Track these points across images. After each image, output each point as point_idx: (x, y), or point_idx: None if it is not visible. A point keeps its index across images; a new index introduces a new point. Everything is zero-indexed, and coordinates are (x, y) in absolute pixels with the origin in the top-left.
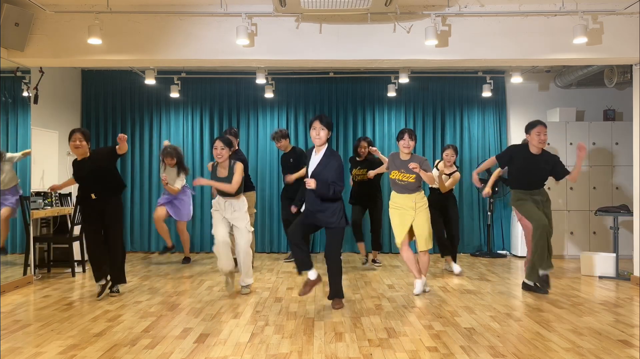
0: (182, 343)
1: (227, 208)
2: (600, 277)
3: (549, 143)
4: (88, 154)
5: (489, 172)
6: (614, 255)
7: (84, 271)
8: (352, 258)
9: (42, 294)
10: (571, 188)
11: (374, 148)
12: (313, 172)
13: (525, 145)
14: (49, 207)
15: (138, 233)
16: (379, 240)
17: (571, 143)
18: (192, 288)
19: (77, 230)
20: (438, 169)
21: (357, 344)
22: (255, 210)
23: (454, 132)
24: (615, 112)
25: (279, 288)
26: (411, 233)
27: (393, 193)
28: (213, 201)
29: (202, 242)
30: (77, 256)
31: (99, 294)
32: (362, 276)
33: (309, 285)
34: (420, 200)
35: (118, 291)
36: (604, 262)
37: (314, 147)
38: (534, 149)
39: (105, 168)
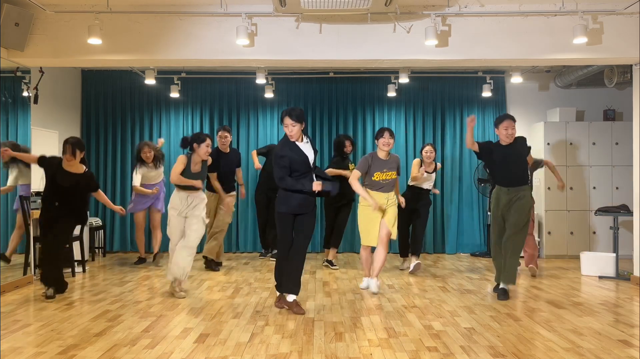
0: (182, 343)
1: (190, 201)
2: (600, 277)
3: (548, 143)
4: (80, 170)
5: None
6: (614, 255)
7: (84, 271)
8: (352, 258)
9: (42, 294)
10: (571, 188)
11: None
12: (313, 161)
13: (498, 141)
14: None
15: None
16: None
17: (571, 143)
18: (192, 288)
19: (77, 230)
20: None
21: (357, 344)
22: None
23: (454, 132)
24: (615, 112)
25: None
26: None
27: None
28: (172, 197)
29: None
30: (77, 256)
31: (51, 297)
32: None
33: (282, 302)
34: (392, 198)
35: (52, 296)
36: (604, 262)
37: (286, 139)
38: (504, 143)
39: (84, 193)
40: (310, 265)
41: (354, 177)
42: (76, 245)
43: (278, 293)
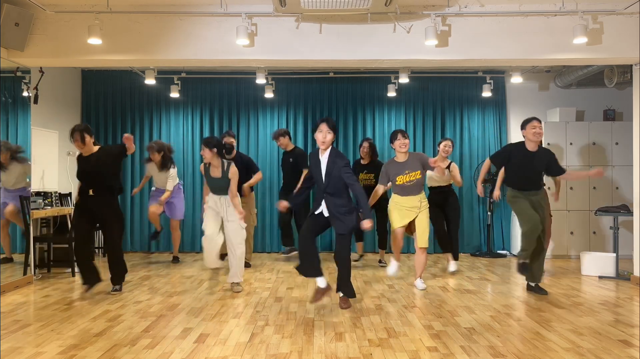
0: (182, 343)
1: (223, 204)
2: (600, 277)
3: (548, 143)
4: (95, 149)
5: (489, 172)
6: (614, 255)
7: None
8: (352, 257)
9: (42, 294)
10: (571, 188)
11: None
12: (326, 173)
13: (522, 142)
14: (49, 207)
15: (138, 233)
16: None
17: (571, 143)
18: (192, 288)
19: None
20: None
21: (357, 344)
22: (256, 210)
23: (454, 132)
24: (615, 112)
25: (279, 288)
26: (409, 229)
27: (396, 196)
28: (207, 197)
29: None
30: None
31: (87, 290)
32: (362, 276)
33: (319, 293)
34: (423, 200)
35: (118, 290)
36: (604, 262)
37: (317, 148)
38: (530, 145)
39: (110, 166)
40: None
41: (375, 194)
42: None
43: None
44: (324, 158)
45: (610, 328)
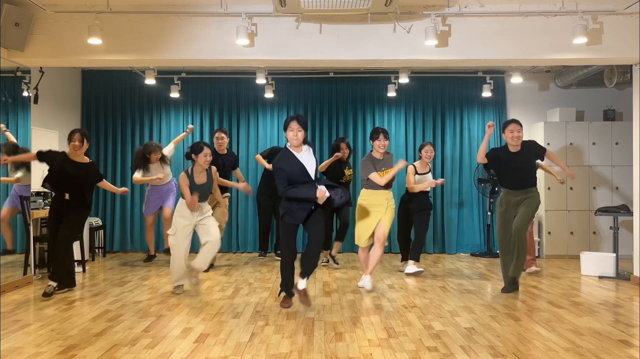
0: (182, 343)
1: (197, 211)
2: (600, 277)
3: (548, 143)
4: (85, 161)
5: (489, 172)
6: (614, 255)
7: (84, 271)
8: (353, 257)
9: (42, 294)
10: (571, 188)
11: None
12: (315, 168)
13: (505, 145)
14: (49, 207)
15: (138, 233)
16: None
17: (571, 143)
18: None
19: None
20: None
21: (357, 344)
22: (227, 204)
23: (454, 132)
24: (615, 112)
25: (279, 288)
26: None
27: (365, 191)
28: (180, 206)
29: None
30: (77, 256)
31: (48, 294)
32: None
33: (287, 302)
34: (390, 199)
35: (50, 293)
36: (604, 262)
37: (285, 147)
38: (512, 148)
39: (87, 184)
40: None
41: (385, 179)
42: (76, 245)
43: (284, 294)
44: (302, 155)
45: (610, 328)
